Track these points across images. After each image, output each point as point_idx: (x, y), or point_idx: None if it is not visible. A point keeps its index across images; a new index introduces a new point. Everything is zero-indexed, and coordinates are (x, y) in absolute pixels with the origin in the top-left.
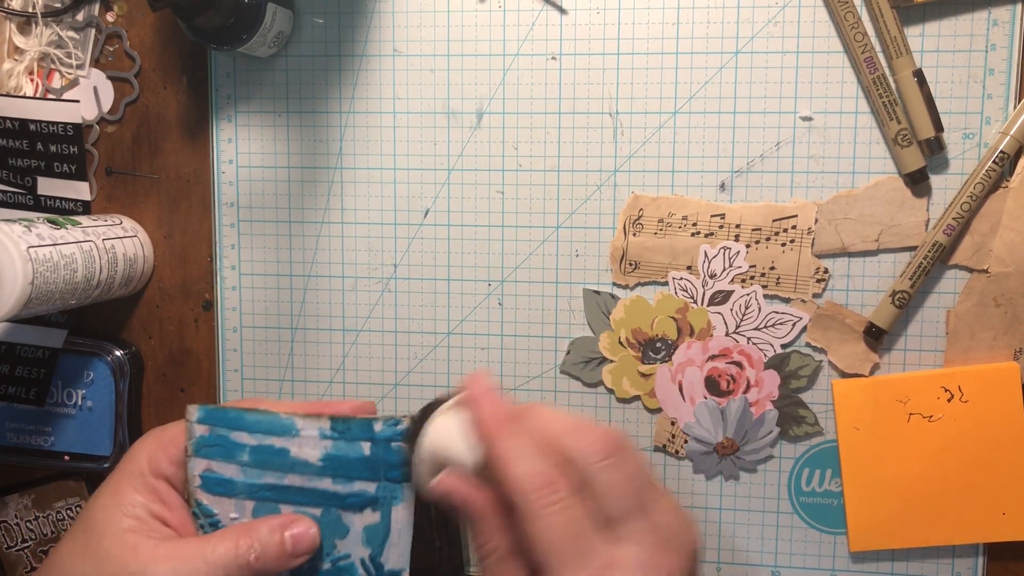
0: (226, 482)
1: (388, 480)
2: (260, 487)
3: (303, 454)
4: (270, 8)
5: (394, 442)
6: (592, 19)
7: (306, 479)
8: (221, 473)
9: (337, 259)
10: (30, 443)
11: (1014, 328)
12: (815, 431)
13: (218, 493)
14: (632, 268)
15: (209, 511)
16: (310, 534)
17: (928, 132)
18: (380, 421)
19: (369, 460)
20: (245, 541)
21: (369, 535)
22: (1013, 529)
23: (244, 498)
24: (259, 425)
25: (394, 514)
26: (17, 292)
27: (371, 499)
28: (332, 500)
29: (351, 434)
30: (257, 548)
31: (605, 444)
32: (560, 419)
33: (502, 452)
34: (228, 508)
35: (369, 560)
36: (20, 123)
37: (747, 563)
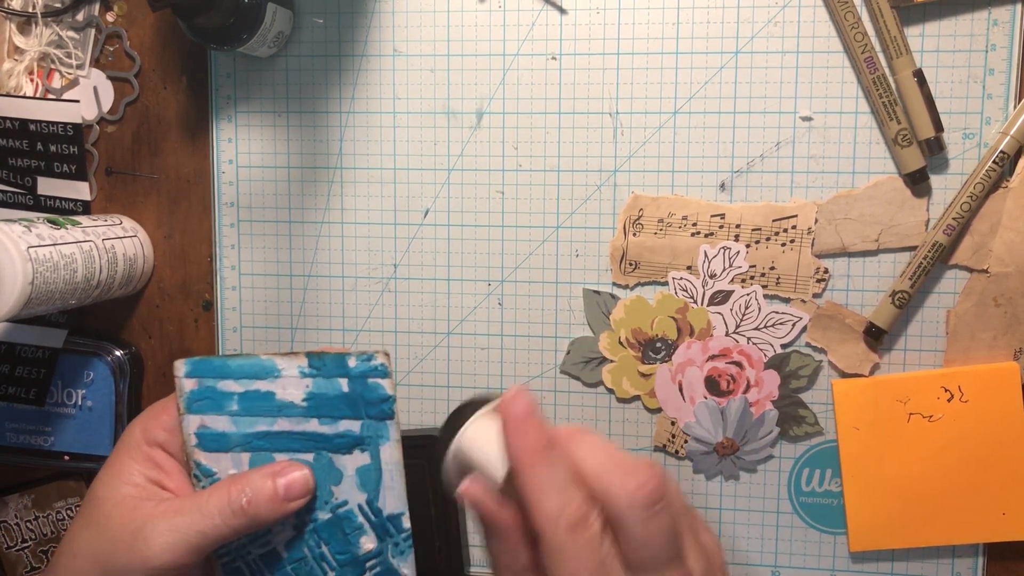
0: (220, 436)
1: (370, 418)
2: (253, 436)
3: (287, 395)
4: (270, 8)
5: (370, 378)
6: (592, 19)
7: (294, 422)
8: (214, 428)
9: (337, 259)
10: (30, 443)
11: (1014, 328)
12: (815, 431)
13: (214, 449)
14: (632, 268)
15: (208, 470)
16: (302, 478)
17: (928, 132)
18: (353, 356)
19: (349, 397)
20: (237, 487)
21: (363, 478)
22: (1013, 529)
23: (240, 451)
24: (243, 370)
25: (383, 454)
26: (17, 292)
27: (358, 439)
28: (321, 443)
29: (327, 370)
30: (249, 493)
31: (650, 492)
32: (599, 451)
33: (533, 484)
34: (226, 464)
35: (367, 505)
36: (20, 123)
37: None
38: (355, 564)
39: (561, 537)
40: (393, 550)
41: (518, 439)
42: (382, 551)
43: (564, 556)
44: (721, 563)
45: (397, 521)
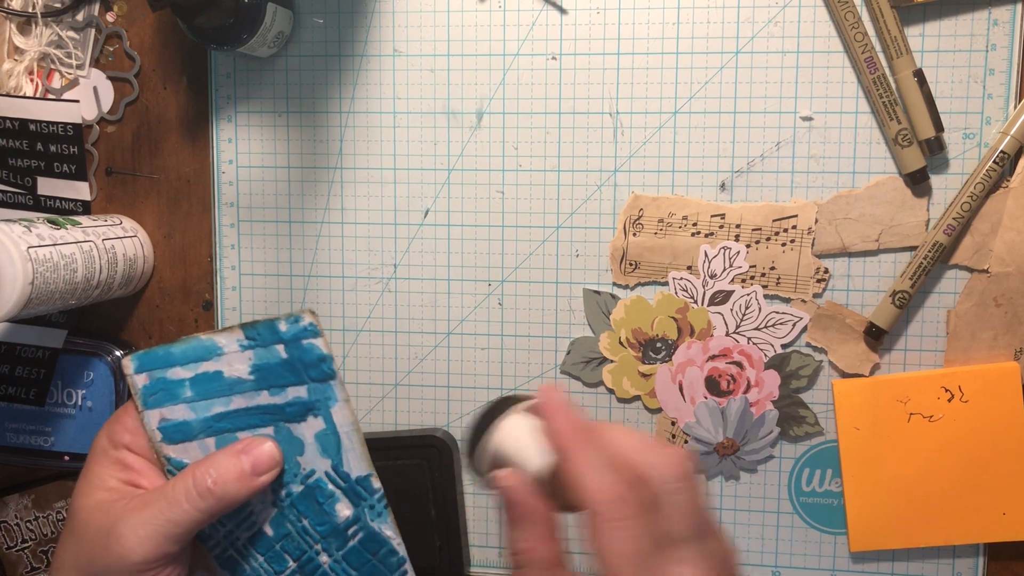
0: (182, 425)
1: (313, 381)
2: (212, 420)
3: (234, 371)
4: (270, 8)
5: (304, 340)
6: (592, 19)
7: (248, 398)
8: (174, 418)
9: (337, 259)
10: (30, 443)
11: (1014, 328)
12: (815, 431)
13: (179, 440)
14: (632, 268)
15: (179, 463)
16: (268, 451)
17: (928, 132)
18: (283, 320)
19: (288, 363)
20: (201, 469)
21: (323, 444)
22: (1013, 529)
23: (204, 436)
24: (187, 354)
25: (335, 416)
26: (17, 292)
27: (307, 404)
28: (276, 414)
29: (263, 339)
30: (213, 473)
31: (678, 467)
32: (633, 437)
33: (578, 462)
34: (195, 453)
35: (333, 471)
36: (20, 123)
37: (747, 563)
38: (337, 533)
39: (604, 512)
40: (370, 513)
41: (560, 424)
42: (359, 516)
43: (607, 531)
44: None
45: (366, 483)
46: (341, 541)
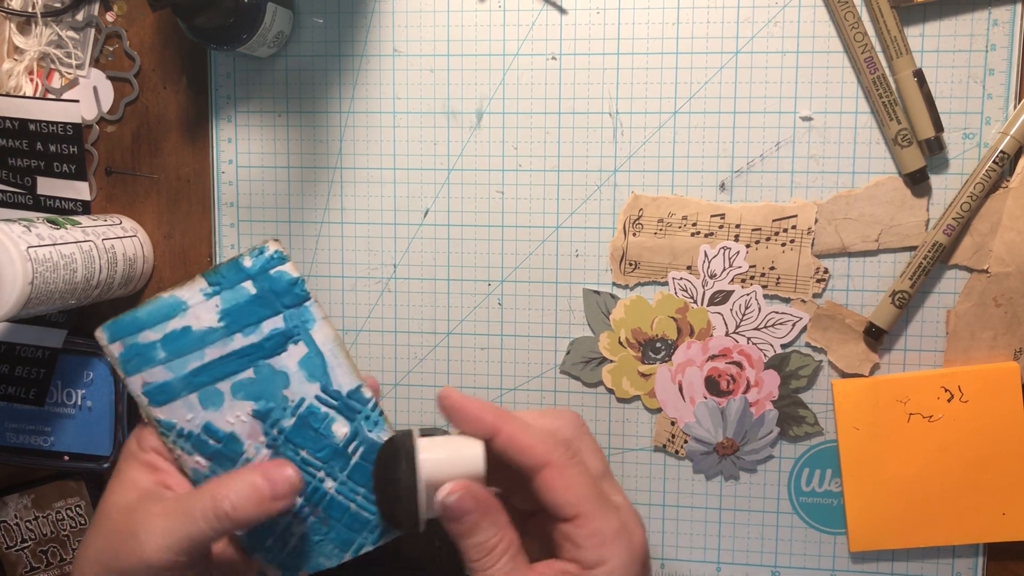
0: (164, 387)
1: (288, 307)
2: (189, 376)
3: (203, 322)
4: (270, 8)
5: (271, 270)
6: (592, 19)
7: (221, 346)
8: (155, 381)
9: (337, 259)
10: (30, 443)
11: (1014, 328)
12: (815, 431)
13: (164, 402)
14: (632, 268)
15: (169, 423)
16: (286, 476)
17: (928, 132)
18: (247, 255)
19: (259, 297)
20: (220, 492)
21: (308, 369)
22: (1013, 529)
23: (186, 394)
24: (152, 316)
25: (316, 337)
26: (17, 292)
27: (286, 333)
28: (255, 352)
29: (228, 280)
30: (233, 497)
31: (573, 418)
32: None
33: (512, 431)
34: (181, 412)
35: (323, 392)
36: (20, 123)
37: (747, 563)
38: (338, 454)
39: (557, 457)
40: (367, 424)
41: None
42: (357, 430)
43: (566, 471)
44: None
45: (358, 395)
46: (343, 461)
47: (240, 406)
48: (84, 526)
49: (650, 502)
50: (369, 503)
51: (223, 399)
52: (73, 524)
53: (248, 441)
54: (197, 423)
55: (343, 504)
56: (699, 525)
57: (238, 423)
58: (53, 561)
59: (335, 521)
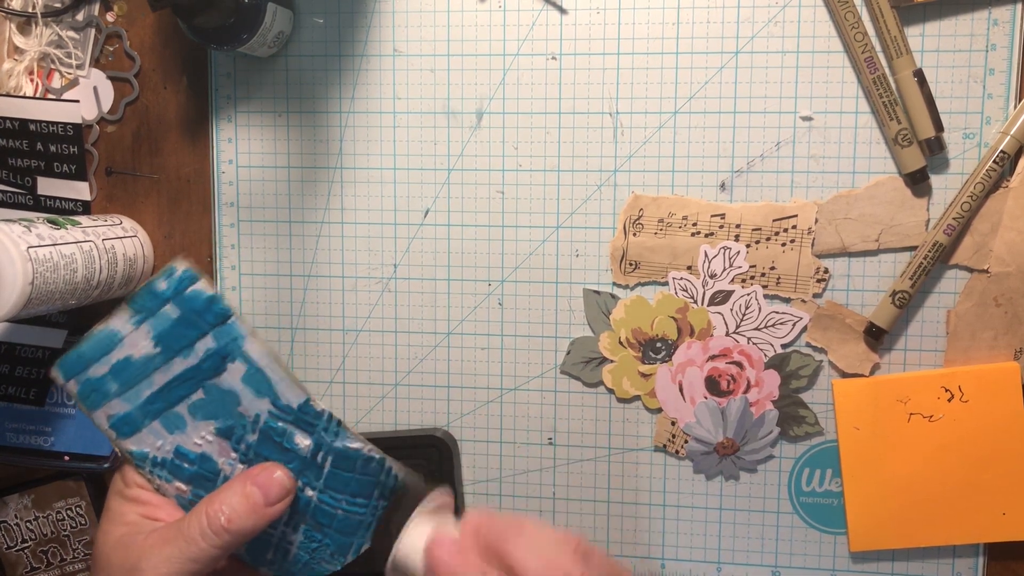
0: (126, 418)
1: (213, 326)
2: (146, 403)
3: (141, 350)
4: (270, 8)
5: (185, 290)
6: (592, 19)
7: (164, 372)
8: (117, 412)
9: (337, 259)
10: (30, 443)
11: (1014, 328)
12: (815, 431)
13: (131, 433)
14: (632, 268)
15: (142, 453)
16: (276, 478)
17: (928, 132)
18: (159, 279)
19: (183, 318)
20: (213, 508)
21: (254, 385)
22: (1013, 529)
23: (148, 421)
24: (94, 350)
25: (250, 352)
26: (17, 292)
27: (220, 352)
28: (197, 375)
29: (149, 306)
30: (227, 510)
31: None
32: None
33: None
34: (151, 440)
35: (275, 407)
36: (20, 123)
37: (747, 563)
38: (308, 465)
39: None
40: (327, 435)
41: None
42: (319, 441)
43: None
44: None
45: (308, 409)
46: (316, 471)
47: (202, 426)
48: (84, 526)
49: (650, 502)
50: (354, 505)
51: (185, 422)
52: (73, 524)
53: (220, 459)
54: (168, 448)
55: (330, 511)
56: (699, 525)
57: (205, 443)
58: (53, 561)
59: (328, 528)
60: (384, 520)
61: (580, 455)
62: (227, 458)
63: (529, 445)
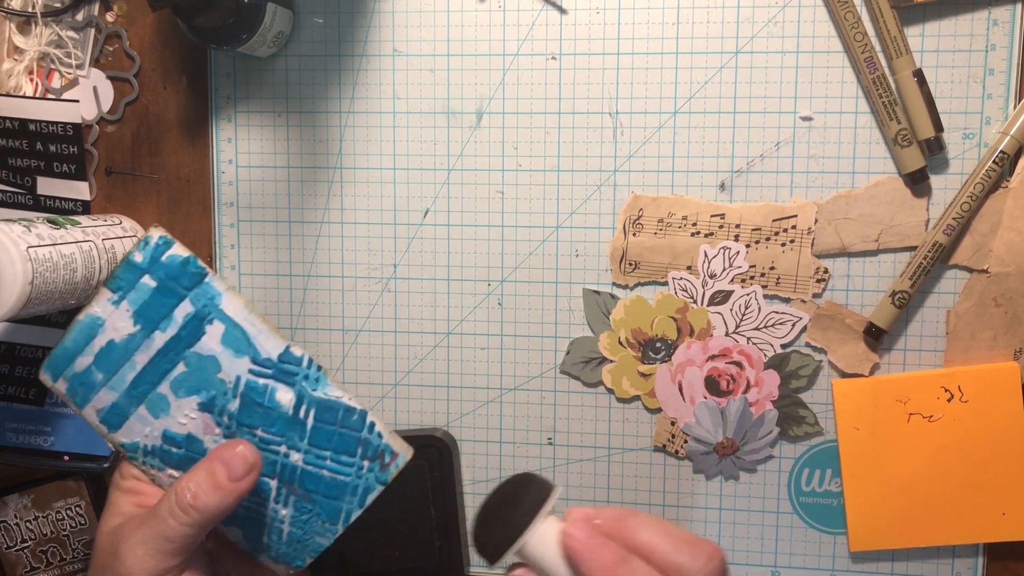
0: (114, 408)
1: (189, 289)
2: (130, 388)
3: (121, 331)
4: (270, 8)
5: (161, 256)
6: (592, 19)
7: (146, 348)
8: (104, 405)
9: (337, 259)
10: (30, 443)
11: (1014, 328)
12: (815, 431)
13: (119, 424)
14: (632, 268)
15: (133, 444)
16: (238, 453)
17: (928, 132)
18: (135, 251)
19: (161, 287)
20: (180, 486)
21: (233, 345)
22: (1013, 529)
23: (134, 408)
24: (77, 342)
25: (227, 310)
26: (17, 292)
27: (197, 315)
28: (177, 344)
29: (127, 281)
30: (192, 487)
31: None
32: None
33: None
34: (139, 429)
35: (255, 364)
36: (20, 123)
37: (747, 563)
38: (291, 423)
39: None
40: (308, 384)
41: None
42: (301, 392)
43: None
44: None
45: (288, 356)
46: (300, 429)
47: (185, 403)
48: (84, 526)
49: (650, 502)
50: (339, 465)
51: (168, 402)
52: (73, 524)
53: (205, 437)
54: (156, 435)
55: (316, 474)
56: (699, 525)
57: (190, 422)
58: (53, 561)
59: (315, 494)
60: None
61: (580, 455)
62: (212, 435)
63: (529, 445)
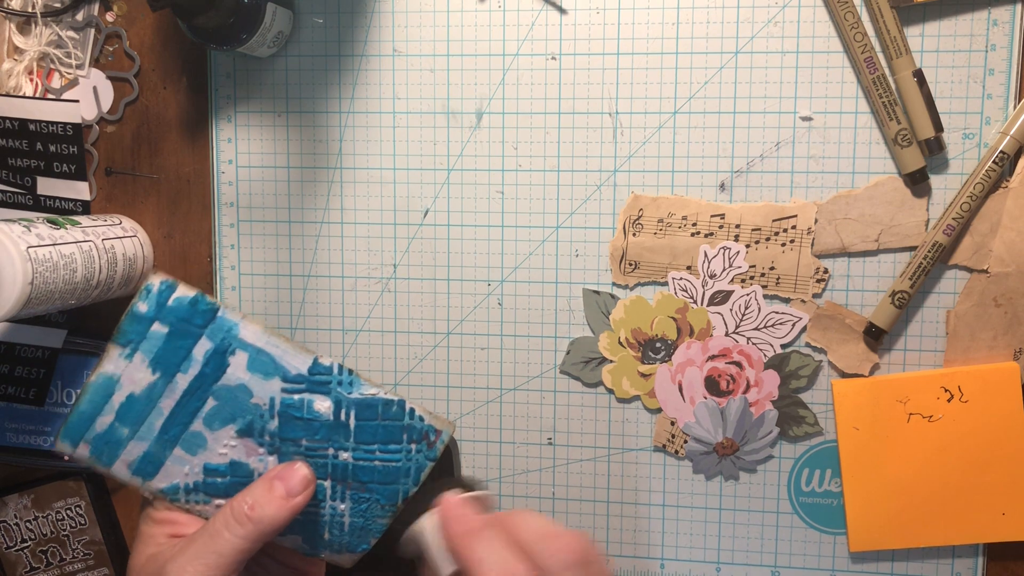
0: (146, 457)
1: (203, 326)
2: (161, 433)
3: (141, 383)
4: (270, 8)
5: (167, 301)
6: (592, 19)
7: (170, 395)
8: (135, 457)
9: (337, 259)
10: (30, 443)
11: (1014, 328)
12: (815, 431)
13: (155, 471)
14: (632, 268)
15: (173, 488)
16: (298, 471)
17: (928, 132)
18: (138, 302)
19: (174, 331)
20: (238, 499)
21: (261, 370)
22: (1013, 529)
23: (169, 451)
24: (94, 403)
25: (247, 338)
26: (17, 292)
27: (218, 350)
28: (203, 382)
29: (136, 334)
30: (250, 500)
31: (575, 553)
32: (535, 525)
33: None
34: (177, 470)
35: (286, 382)
36: (20, 123)
37: (747, 563)
38: (335, 428)
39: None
40: (344, 388)
41: (454, 528)
42: (339, 398)
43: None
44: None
45: (319, 368)
46: (344, 431)
47: (223, 434)
48: (84, 526)
49: (650, 502)
50: (388, 454)
51: (204, 437)
52: (73, 524)
53: (250, 459)
54: (196, 471)
55: (368, 466)
56: (699, 525)
57: (230, 450)
58: (53, 561)
59: (371, 484)
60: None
61: (580, 455)
62: (256, 456)
63: (528, 445)
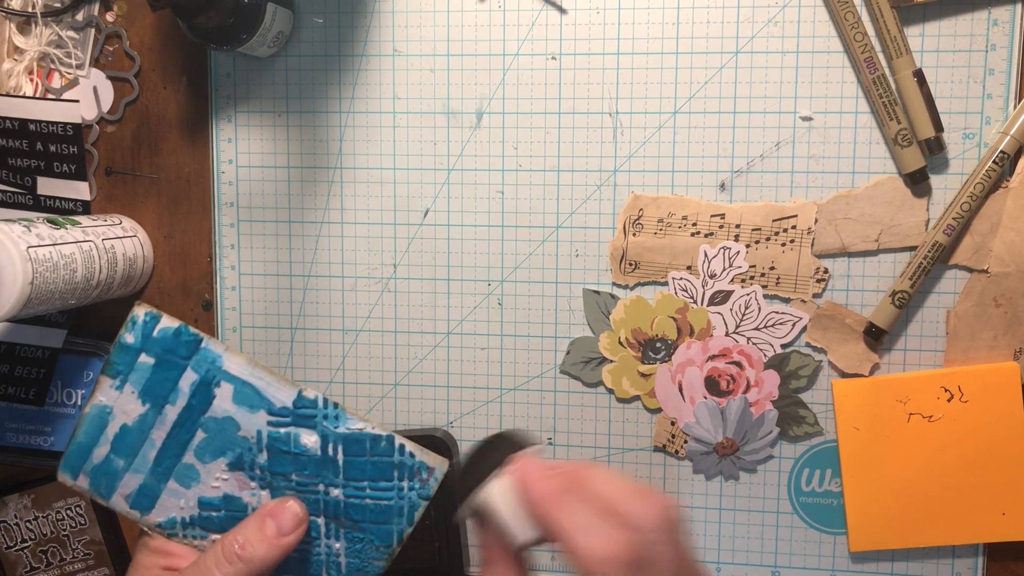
0: (143, 490)
1: (187, 358)
2: (155, 466)
3: (132, 414)
4: (270, 8)
5: (152, 332)
6: (592, 19)
7: (160, 426)
8: (132, 489)
9: (337, 259)
10: (30, 443)
11: (1014, 328)
12: (815, 431)
13: (151, 505)
14: (632, 268)
15: (170, 522)
16: (289, 509)
17: (928, 132)
18: (125, 333)
19: (160, 362)
20: (229, 538)
21: (246, 403)
22: (1013, 529)
23: (163, 483)
24: (89, 435)
25: (232, 370)
26: (17, 292)
27: (204, 381)
28: (191, 413)
29: (125, 365)
30: (240, 539)
31: (664, 515)
32: (617, 484)
33: (562, 528)
34: (173, 503)
35: (273, 415)
36: (20, 123)
37: (747, 563)
38: (322, 463)
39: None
40: (330, 423)
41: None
42: (325, 432)
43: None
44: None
45: (303, 402)
46: (332, 466)
47: (214, 467)
48: (84, 526)
49: None
50: (379, 491)
51: (196, 470)
52: (73, 524)
53: (243, 493)
54: (191, 504)
55: (359, 504)
56: (699, 525)
57: (223, 484)
58: (53, 561)
59: (364, 523)
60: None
61: (580, 455)
62: (248, 490)
63: None
